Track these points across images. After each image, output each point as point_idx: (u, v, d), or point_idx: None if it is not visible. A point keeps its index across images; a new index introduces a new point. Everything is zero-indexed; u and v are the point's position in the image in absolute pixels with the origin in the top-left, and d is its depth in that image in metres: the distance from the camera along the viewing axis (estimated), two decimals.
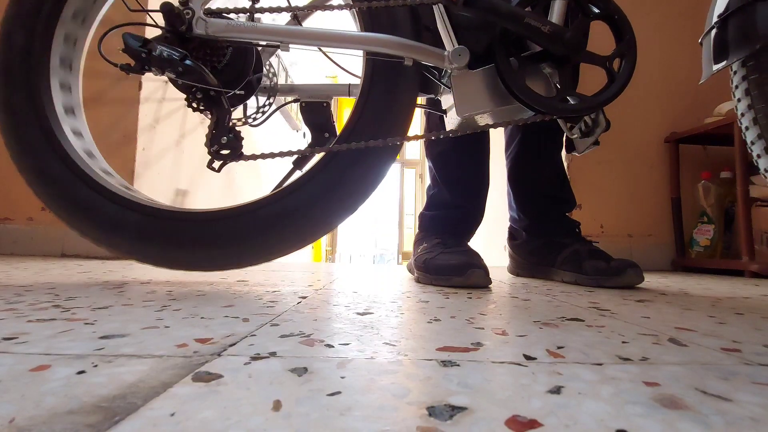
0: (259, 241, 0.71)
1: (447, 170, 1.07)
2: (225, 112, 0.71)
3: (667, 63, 1.75)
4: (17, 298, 0.53)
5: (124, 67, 0.67)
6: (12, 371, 0.26)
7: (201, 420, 0.20)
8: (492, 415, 0.22)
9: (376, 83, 0.72)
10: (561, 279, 0.98)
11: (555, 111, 0.71)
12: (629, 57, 0.72)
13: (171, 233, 0.71)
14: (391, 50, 0.69)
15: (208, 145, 0.70)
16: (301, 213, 0.70)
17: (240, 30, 0.69)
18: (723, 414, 0.22)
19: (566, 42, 0.69)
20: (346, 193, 0.72)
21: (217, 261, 0.74)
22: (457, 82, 0.72)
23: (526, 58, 0.72)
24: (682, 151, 1.70)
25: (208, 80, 0.68)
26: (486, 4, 0.67)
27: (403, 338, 0.38)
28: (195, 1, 0.68)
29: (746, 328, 0.46)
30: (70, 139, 0.76)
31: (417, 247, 1.02)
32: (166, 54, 0.66)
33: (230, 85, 0.75)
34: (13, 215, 1.46)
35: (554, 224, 1.08)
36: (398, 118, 0.74)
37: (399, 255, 5.99)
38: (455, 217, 1.05)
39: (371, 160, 0.72)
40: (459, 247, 0.95)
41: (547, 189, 1.11)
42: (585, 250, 0.96)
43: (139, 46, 0.66)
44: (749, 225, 1.37)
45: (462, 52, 0.70)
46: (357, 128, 0.71)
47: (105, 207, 0.72)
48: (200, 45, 0.71)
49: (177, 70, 0.66)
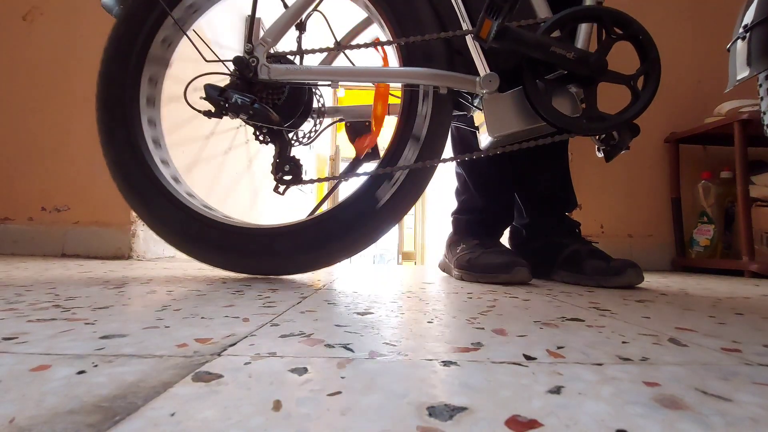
0: (314, 251, 0.81)
1: (479, 177, 1.13)
2: (286, 143, 0.82)
3: (667, 63, 1.74)
4: (17, 298, 0.53)
5: (206, 113, 0.77)
6: (12, 371, 0.26)
7: (201, 420, 0.20)
8: (492, 415, 0.22)
9: (413, 109, 0.80)
10: (561, 279, 0.99)
11: (581, 130, 0.75)
12: (653, 75, 0.74)
13: (243, 245, 0.82)
14: (428, 81, 0.77)
15: (274, 173, 0.80)
16: (348, 228, 0.80)
17: (297, 73, 0.79)
18: (723, 414, 0.22)
19: (591, 65, 0.72)
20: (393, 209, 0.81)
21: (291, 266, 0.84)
22: (488, 104, 0.78)
23: (552, 80, 0.76)
24: (682, 151, 1.70)
25: (272, 119, 0.78)
26: (515, 36, 0.70)
27: (403, 338, 0.38)
28: (258, 50, 0.78)
29: (746, 328, 0.46)
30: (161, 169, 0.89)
31: (455, 248, 1.09)
32: (240, 101, 0.75)
33: (288, 118, 0.86)
34: (13, 215, 1.46)
35: (555, 224, 1.09)
36: (435, 140, 0.81)
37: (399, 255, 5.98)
38: (489, 220, 1.12)
39: (414, 179, 0.81)
40: (497, 247, 1.03)
41: (548, 188, 1.11)
42: (585, 250, 0.97)
43: (218, 95, 0.75)
44: (749, 225, 1.37)
45: (492, 78, 0.76)
46: (398, 151, 0.80)
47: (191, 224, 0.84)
48: (263, 87, 0.82)
49: (248, 113, 0.76)
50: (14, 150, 1.48)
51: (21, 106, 1.50)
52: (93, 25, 1.49)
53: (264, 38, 0.79)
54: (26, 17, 1.53)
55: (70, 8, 1.52)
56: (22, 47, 1.52)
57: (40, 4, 1.53)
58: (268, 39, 0.79)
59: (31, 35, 1.52)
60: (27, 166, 1.47)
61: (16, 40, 1.51)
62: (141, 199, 0.85)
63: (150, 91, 0.89)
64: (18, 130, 1.48)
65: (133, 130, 0.85)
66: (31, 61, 1.51)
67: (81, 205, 1.45)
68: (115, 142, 0.85)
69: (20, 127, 1.48)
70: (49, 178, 1.47)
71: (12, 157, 1.47)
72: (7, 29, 1.52)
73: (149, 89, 0.89)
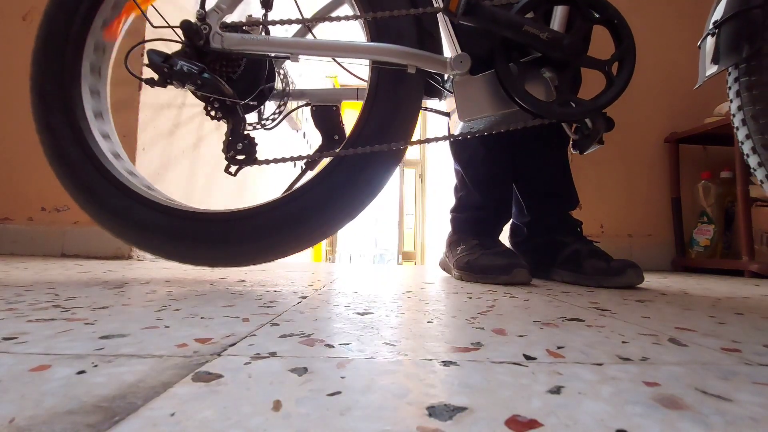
0: (270, 240, 0.74)
1: (477, 174, 1.10)
2: (240, 120, 0.76)
3: (667, 63, 1.75)
4: (17, 298, 0.53)
5: (148, 81, 0.71)
6: (12, 371, 0.26)
7: (201, 420, 0.20)
8: (492, 415, 0.22)
9: (381, 90, 0.75)
10: (561, 279, 0.99)
11: (553, 115, 0.72)
12: (628, 61, 0.72)
13: (190, 231, 0.75)
14: (396, 59, 0.72)
15: (225, 151, 0.74)
16: (308, 215, 0.73)
17: (253, 43, 0.73)
18: (723, 414, 0.22)
19: (565, 48, 0.70)
20: (352, 196, 0.74)
21: (233, 258, 0.77)
22: (459, 87, 0.74)
23: (526, 64, 0.74)
24: (682, 151, 1.70)
25: (224, 91, 0.72)
26: (485, 13, 0.68)
27: (403, 338, 0.38)
28: (211, 17, 0.73)
29: (746, 328, 0.46)
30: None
31: (454, 248, 1.07)
32: (186, 69, 0.70)
33: (245, 94, 0.79)
34: (13, 215, 1.46)
35: (556, 222, 1.09)
36: (403, 123, 0.75)
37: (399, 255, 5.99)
38: (487, 218, 1.10)
39: (376, 165, 0.74)
40: (498, 247, 1.00)
41: (550, 186, 1.11)
42: (585, 250, 0.97)
43: (162, 61, 0.70)
44: (749, 225, 1.37)
45: (464, 59, 0.73)
46: (363, 133, 0.73)
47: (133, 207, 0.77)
48: (216, 58, 0.76)
49: (196, 83, 0.70)
50: (14, 150, 1.47)
51: (21, 106, 1.49)
52: None
53: (218, 5, 0.74)
54: (26, 17, 1.53)
55: None
56: (22, 47, 1.51)
57: (40, 4, 1.52)
58: (223, 6, 0.75)
59: (31, 35, 1.51)
60: (27, 166, 1.47)
61: (16, 40, 1.51)
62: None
63: (95, 59, 0.84)
64: (18, 130, 1.48)
65: (72, 97, 0.79)
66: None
67: None
68: (48, 106, 0.80)
69: (20, 127, 1.48)
70: (49, 178, 1.45)
71: (12, 157, 1.47)
72: (7, 29, 1.52)
73: (94, 57, 0.84)
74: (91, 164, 0.79)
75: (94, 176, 0.78)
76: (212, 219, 0.75)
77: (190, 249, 0.76)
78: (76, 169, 0.79)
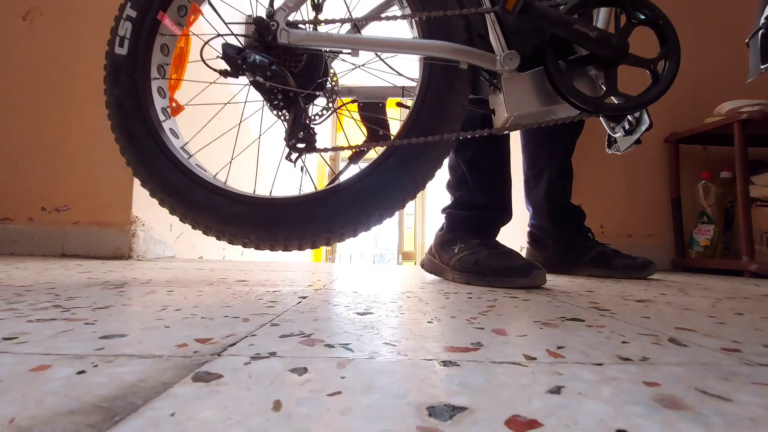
0: (324, 225, 0.78)
1: (479, 172, 1.09)
2: (301, 110, 0.81)
3: None
4: (17, 298, 0.53)
5: (222, 72, 0.77)
6: (12, 371, 0.26)
7: (201, 420, 0.20)
8: (492, 415, 0.22)
9: (432, 84, 0.79)
10: (589, 273, 1.17)
11: (602, 110, 0.76)
12: (673, 59, 0.76)
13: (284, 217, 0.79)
14: (451, 55, 0.77)
15: (287, 140, 0.79)
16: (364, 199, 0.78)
17: (317, 39, 0.79)
18: (723, 414, 0.22)
19: (612, 46, 0.73)
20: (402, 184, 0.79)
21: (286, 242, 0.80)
22: (508, 83, 0.78)
23: (573, 61, 0.77)
24: (682, 151, 1.70)
25: (289, 83, 0.77)
26: (539, 11, 0.72)
27: (403, 338, 0.38)
28: (279, 14, 0.78)
29: (746, 328, 0.46)
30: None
31: (449, 248, 1.01)
32: (258, 60, 0.75)
33: (304, 87, 0.84)
34: (13, 215, 1.46)
35: (576, 231, 1.25)
36: (452, 117, 0.80)
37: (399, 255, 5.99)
38: (489, 217, 1.09)
39: (427, 155, 0.79)
40: (502, 247, 0.98)
41: (567, 199, 1.28)
42: (610, 251, 1.18)
43: (236, 54, 0.75)
44: (749, 225, 1.37)
45: (513, 56, 0.77)
46: (415, 126, 0.78)
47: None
48: (282, 52, 0.81)
49: (266, 74, 0.75)
50: (14, 150, 1.47)
51: (21, 106, 1.50)
52: (92, 25, 1.49)
53: (286, 3, 0.79)
54: (26, 17, 1.53)
55: (69, 8, 1.52)
56: (22, 47, 1.52)
57: (39, 4, 1.53)
58: (290, 4, 0.79)
59: (31, 35, 1.52)
60: (27, 166, 1.47)
61: (16, 40, 1.51)
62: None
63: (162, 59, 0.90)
64: (18, 130, 1.48)
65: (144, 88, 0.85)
66: (31, 61, 1.51)
67: (81, 205, 1.45)
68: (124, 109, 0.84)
69: (20, 126, 1.48)
70: (49, 178, 1.47)
71: (12, 157, 1.47)
72: (7, 29, 1.52)
73: (161, 57, 0.89)
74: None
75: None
76: (292, 203, 0.79)
77: (289, 233, 0.79)
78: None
